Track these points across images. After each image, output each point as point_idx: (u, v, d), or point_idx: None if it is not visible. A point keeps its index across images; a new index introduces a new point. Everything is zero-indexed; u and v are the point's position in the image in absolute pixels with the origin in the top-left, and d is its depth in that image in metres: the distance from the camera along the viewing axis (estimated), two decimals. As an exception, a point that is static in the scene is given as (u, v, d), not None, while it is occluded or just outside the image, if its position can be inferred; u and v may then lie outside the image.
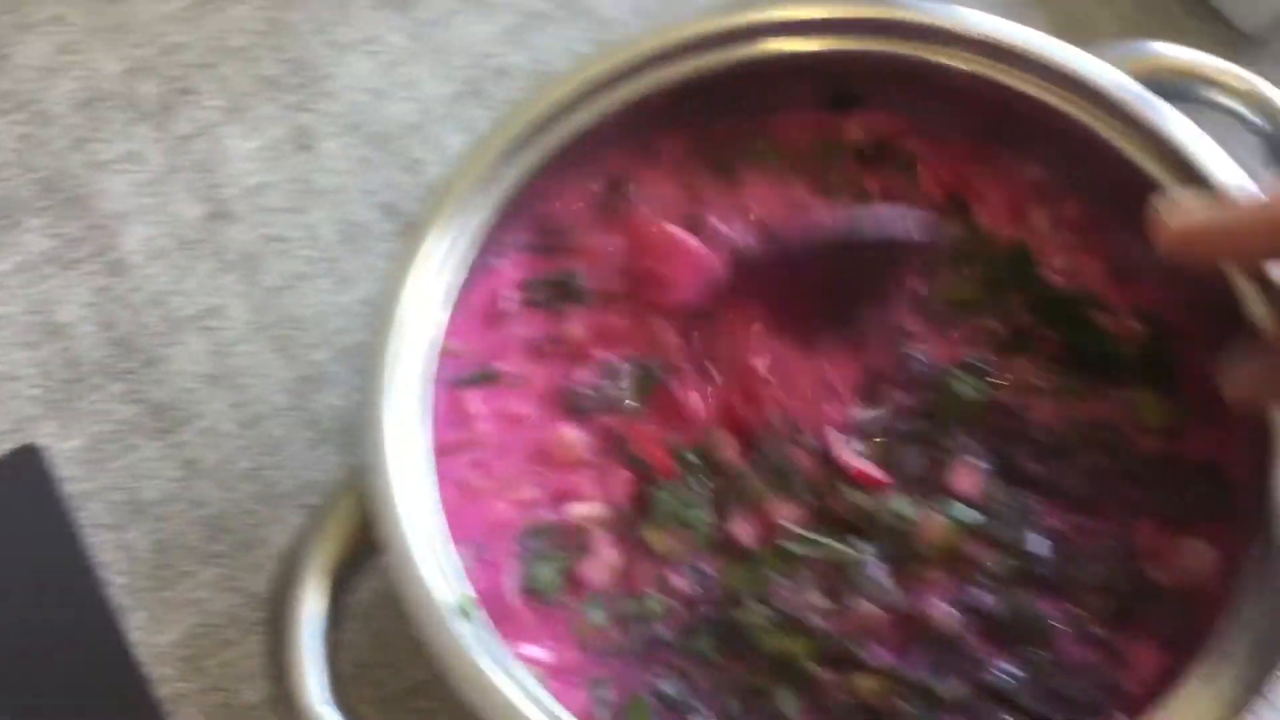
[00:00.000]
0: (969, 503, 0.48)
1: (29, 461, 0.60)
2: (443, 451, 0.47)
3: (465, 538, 0.46)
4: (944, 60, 0.51)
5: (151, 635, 0.57)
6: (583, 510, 0.50)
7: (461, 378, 0.52)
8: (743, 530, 0.49)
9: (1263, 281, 0.45)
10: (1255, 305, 0.45)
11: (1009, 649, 0.46)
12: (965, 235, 0.54)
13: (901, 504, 0.48)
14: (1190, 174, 0.47)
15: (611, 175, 0.55)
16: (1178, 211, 0.44)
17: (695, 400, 0.51)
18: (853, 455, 0.49)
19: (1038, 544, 0.48)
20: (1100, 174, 0.50)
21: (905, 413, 0.51)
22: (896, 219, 0.50)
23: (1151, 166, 0.48)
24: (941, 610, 0.47)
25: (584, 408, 0.52)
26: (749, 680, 0.47)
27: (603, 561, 0.48)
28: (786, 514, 0.49)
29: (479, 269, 0.50)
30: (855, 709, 0.46)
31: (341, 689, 0.45)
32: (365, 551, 0.46)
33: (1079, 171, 0.52)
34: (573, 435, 0.51)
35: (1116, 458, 0.49)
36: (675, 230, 0.53)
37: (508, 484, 0.50)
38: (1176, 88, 0.51)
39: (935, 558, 0.48)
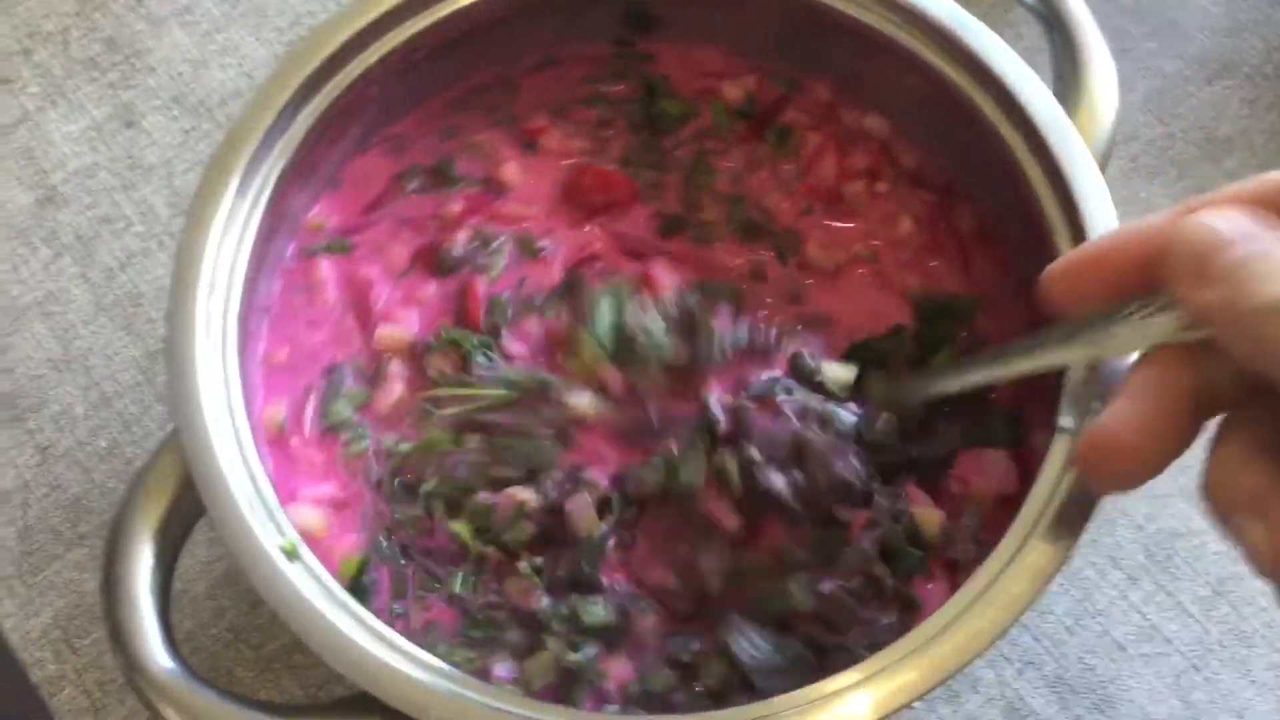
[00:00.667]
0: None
1: (-120, 466, 0.60)
2: (273, 324, 0.50)
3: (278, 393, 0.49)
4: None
5: (23, 622, 0.57)
6: (387, 331, 0.53)
7: (312, 247, 0.54)
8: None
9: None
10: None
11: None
12: None
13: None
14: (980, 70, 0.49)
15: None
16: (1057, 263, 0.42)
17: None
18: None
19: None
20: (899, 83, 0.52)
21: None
22: None
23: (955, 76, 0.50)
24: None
25: (448, 266, 0.55)
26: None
27: (390, 392, 0.52)
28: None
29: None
30: None
31: (179, 645, 0.45)
32: (191, 507, 0.46)
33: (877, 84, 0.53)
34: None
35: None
36: None
37: (333, 335, 0.54)
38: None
39: None
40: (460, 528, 0.50)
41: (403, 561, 0.50)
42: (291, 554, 0.43)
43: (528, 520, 0.50)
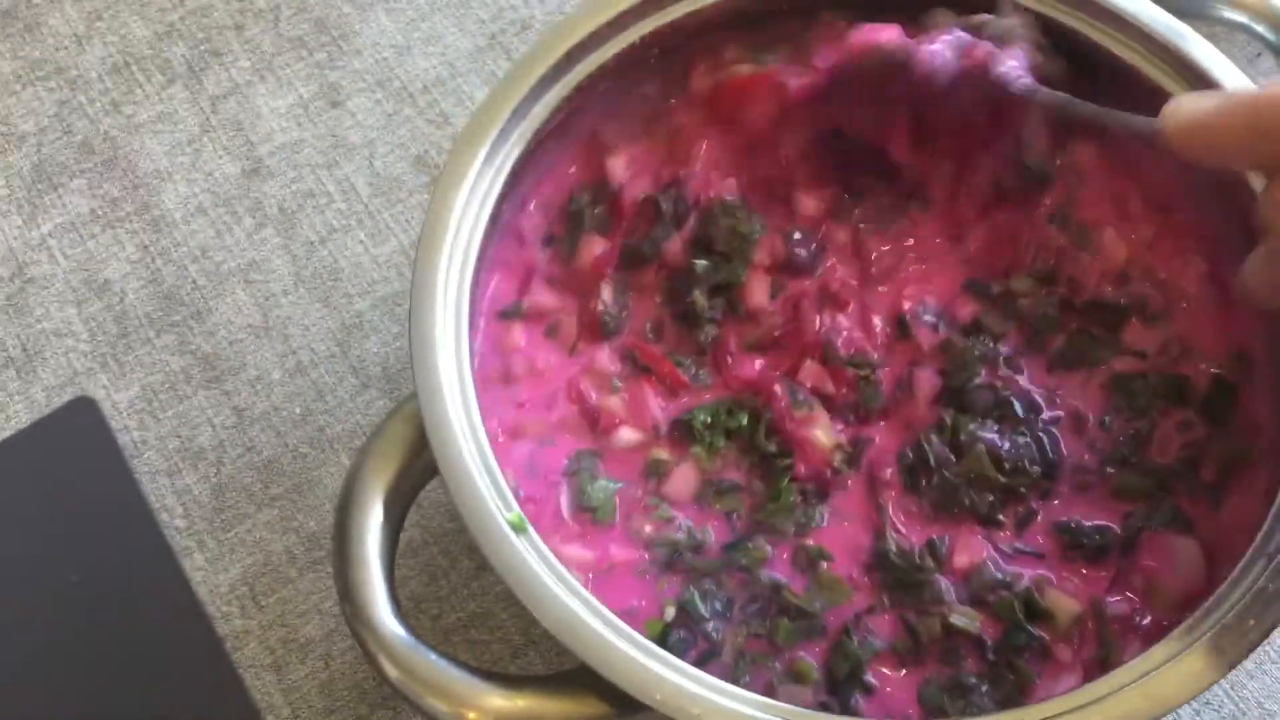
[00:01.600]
0: None
1: (84, 412, 0.62)
2: (484, 380, 0.50)
3: (511, 462, 0.49)
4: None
5: (212, 575, 0.59)
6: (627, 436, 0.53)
7: (505, 309, 0.54)
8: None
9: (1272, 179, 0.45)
10: (1265, 206, 0.46)
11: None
12: None
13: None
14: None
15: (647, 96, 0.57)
16: (1185, 107, 0.44)
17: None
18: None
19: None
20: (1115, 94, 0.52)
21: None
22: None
23: (1171, 86, 0.50)
24: None
25: (610, 330, 0.55)
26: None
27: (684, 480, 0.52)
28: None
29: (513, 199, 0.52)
30: None
31: (400, 609, 0.47)
32: (419, 474, 0.48)
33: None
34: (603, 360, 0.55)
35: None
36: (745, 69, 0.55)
37: (546, 409, 0.53)
38: (1183, 5, 0.53)
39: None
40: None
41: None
42: (518, 527, 0.45)
43: None
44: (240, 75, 0.70)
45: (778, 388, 0.53)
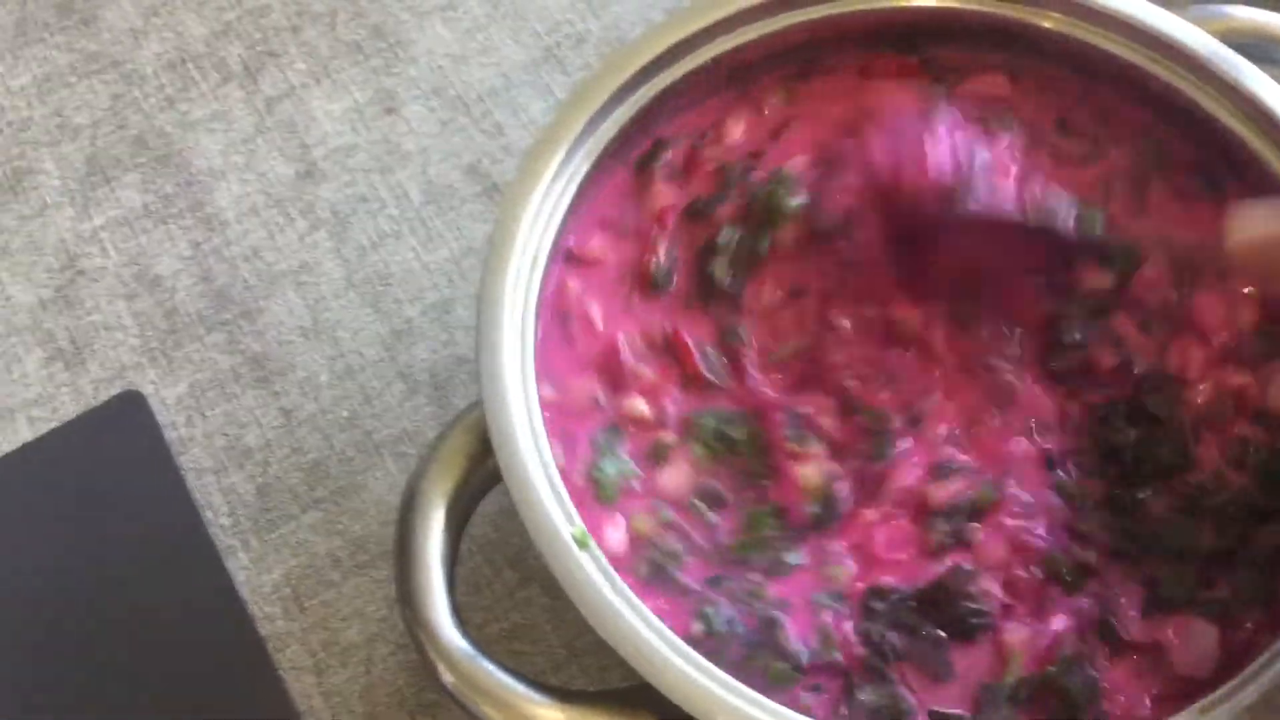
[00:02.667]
0: None
1: (132, 406, 0.62)
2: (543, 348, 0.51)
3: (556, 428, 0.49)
4: (1033, 20, 0.53)
5: (255, 576, 0.59)
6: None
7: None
8: None
9: None
10: None
11: None
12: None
13: None
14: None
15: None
16: (1250, 220, 0.44)
17: None
18: None
19: None
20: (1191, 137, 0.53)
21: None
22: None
23: (1241, 129, 0.50)
24: None
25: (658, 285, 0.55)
26: None
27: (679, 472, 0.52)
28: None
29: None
30: None
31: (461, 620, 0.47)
32: (479, 484, 0.48)
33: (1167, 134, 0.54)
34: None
35: None
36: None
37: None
38: (1250, 49, 0.53)
39: None
40: None
41: None
42: (581, 542, 0.45)
43: None
44: (296, 77, 0.71)
45: (780, 415, 0.53)
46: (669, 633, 0.44)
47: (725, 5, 0.53)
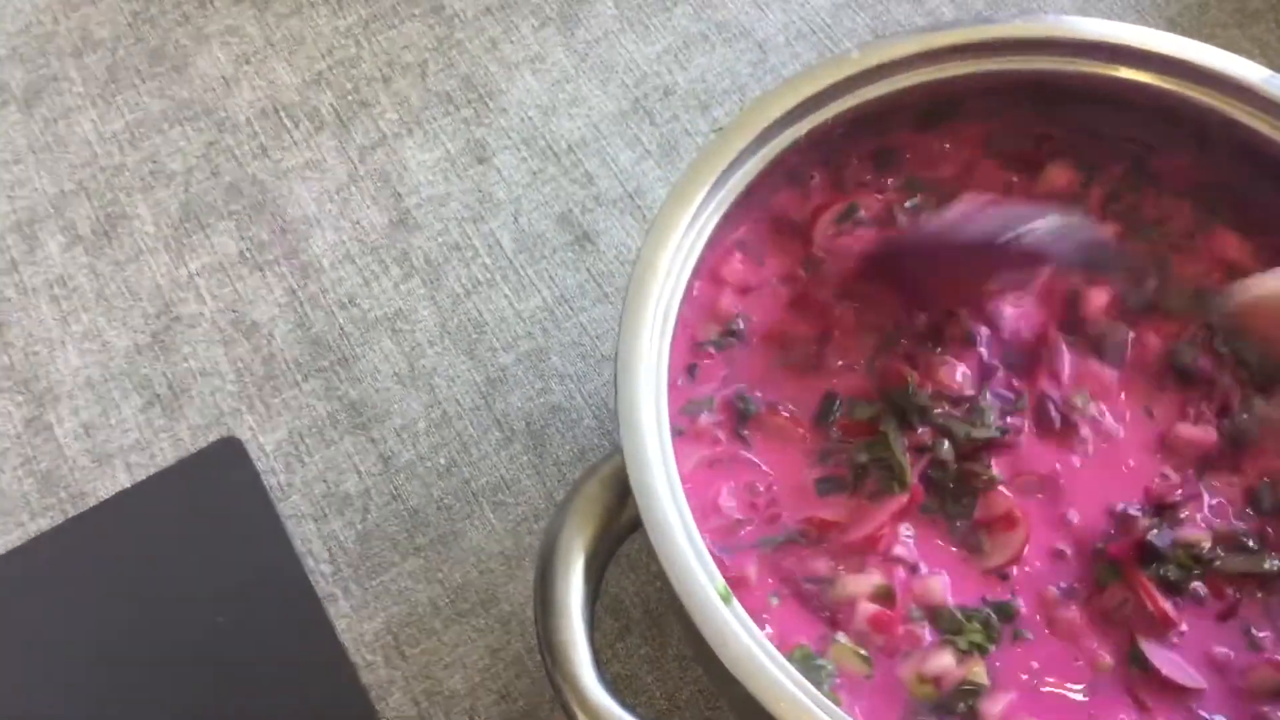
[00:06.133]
0: None
1: (231, 452, 0.62)
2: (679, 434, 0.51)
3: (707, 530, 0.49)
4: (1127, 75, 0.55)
5: (356, 624, 0.59)
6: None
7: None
8: None
9: None
10: None
11: None
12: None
13: None
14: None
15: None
16: (1255, 283, 0.47)
17: None
18: None
19: None
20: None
21: None
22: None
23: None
24: None
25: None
26: None
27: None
28: None
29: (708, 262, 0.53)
30: None
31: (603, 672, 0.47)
32: (614, 536, 0.48)
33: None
34: None
35: None
36: None
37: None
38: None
39: None
40: None
41: None
42: (726, 598, 0.45)
43: None
44: (388, 127, 0.71)
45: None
46: (810, 687, 0.44)
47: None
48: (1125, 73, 0.54)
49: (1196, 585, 0.49)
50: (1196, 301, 0.54)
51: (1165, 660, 0.48)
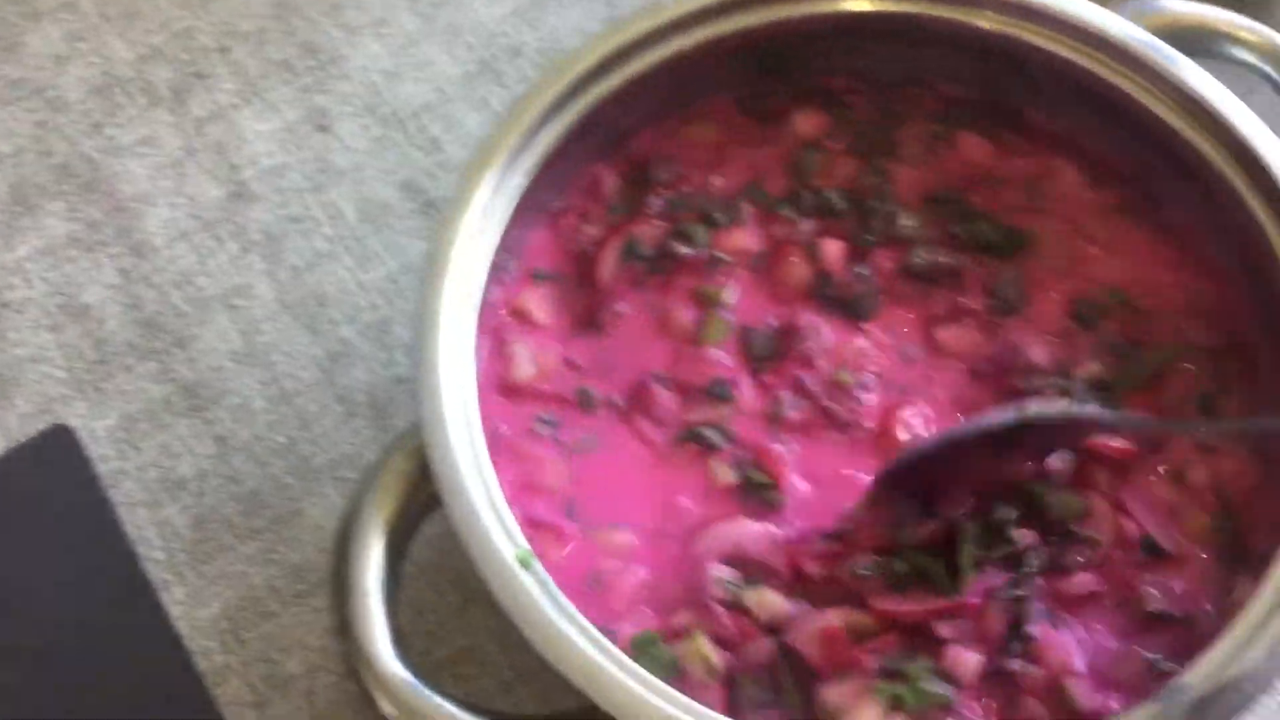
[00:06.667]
0: None
1: (61, 441, 0.60)
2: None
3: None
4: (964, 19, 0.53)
5: (192, 610, 0.57)
6: None
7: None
8: None
9: None
10: None
11: None
12: None
13: None
14: (1217, 130, 0.49)
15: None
16: None
17: None
18: None
19: None
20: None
21: None
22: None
23: (1177, 122, 0.50)
24: None
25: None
26: None
27: None
28: None
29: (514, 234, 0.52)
30: None
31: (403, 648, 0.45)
32: (418, 509, 0.47)
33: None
34: None
35: None
36: None
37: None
38: (1189, 43, 0.53)
39: None
40: None
41: None
42: (525, 563, 0.43)
43: None
44: (225, 98, 0.69)
45: None
46: (617, 652, 0.42)
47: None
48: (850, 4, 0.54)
49: None
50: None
51: None
